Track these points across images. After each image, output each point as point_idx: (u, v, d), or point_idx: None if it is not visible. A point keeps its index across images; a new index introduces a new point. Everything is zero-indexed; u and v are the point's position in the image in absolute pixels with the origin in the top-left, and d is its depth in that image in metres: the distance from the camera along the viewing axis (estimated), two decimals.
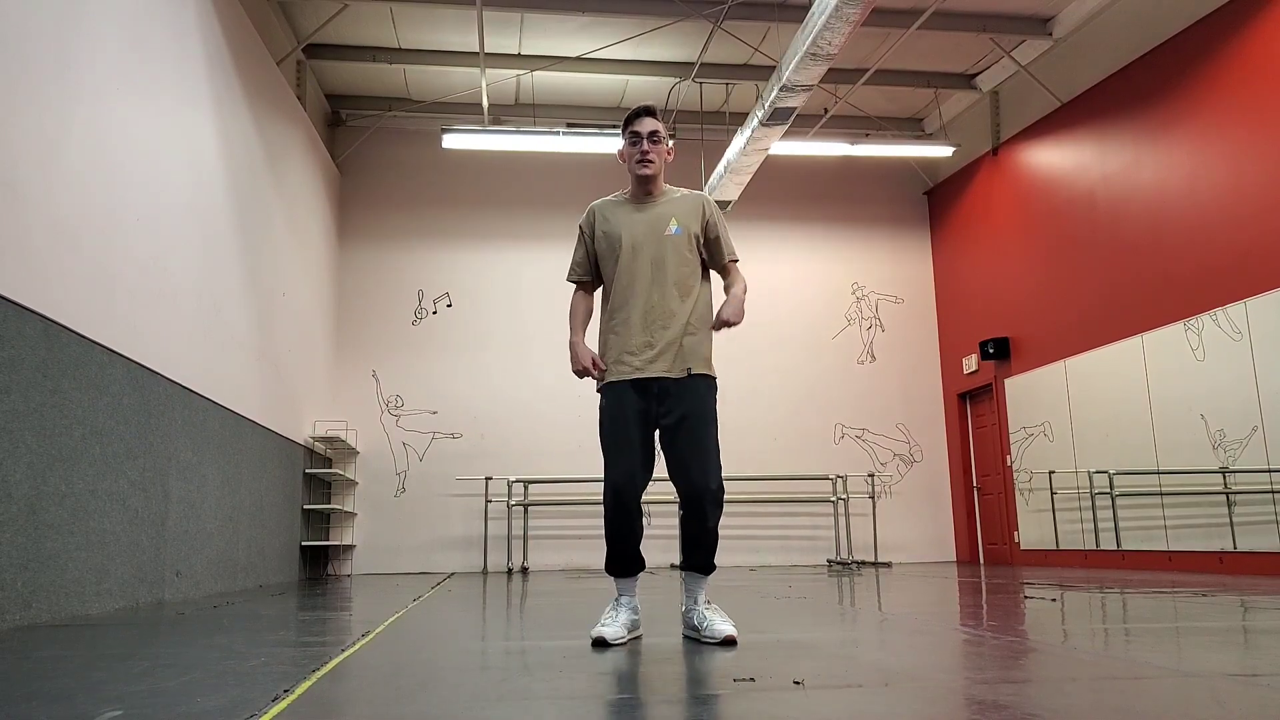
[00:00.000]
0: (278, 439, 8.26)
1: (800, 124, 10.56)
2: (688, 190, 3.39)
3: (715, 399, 3.23)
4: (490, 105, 10.58)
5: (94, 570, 4.72)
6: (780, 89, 8.00)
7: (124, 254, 5.11)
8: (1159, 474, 8.31)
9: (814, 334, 11.91)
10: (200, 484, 6.24)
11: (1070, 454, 9.55)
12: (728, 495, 3.20)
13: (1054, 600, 4.78)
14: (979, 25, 9.62)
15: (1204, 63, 7.97)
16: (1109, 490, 8.95)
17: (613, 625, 3.05)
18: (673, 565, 10.46)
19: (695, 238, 3.28)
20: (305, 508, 9.21)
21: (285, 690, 2.19)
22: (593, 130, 9.91)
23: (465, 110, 11.20)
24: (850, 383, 11.87)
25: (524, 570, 10.43)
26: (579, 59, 10.14)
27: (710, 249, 3.33)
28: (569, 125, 10.93)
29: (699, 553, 3.15)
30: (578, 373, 3.26)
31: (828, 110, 11.05)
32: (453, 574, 9.97)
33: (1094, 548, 9.15)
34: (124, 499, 5.06)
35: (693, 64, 10.21)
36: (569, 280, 3.43)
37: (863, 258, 12.20)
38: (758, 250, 11.65)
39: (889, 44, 9.70)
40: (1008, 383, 10.64)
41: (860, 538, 11.32)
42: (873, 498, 11.37)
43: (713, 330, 3.23)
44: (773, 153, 9.82)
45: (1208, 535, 7.78)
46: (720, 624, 3.01)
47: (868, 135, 11.64)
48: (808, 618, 3.94)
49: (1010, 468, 10.61)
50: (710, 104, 11.32)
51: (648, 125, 3.27)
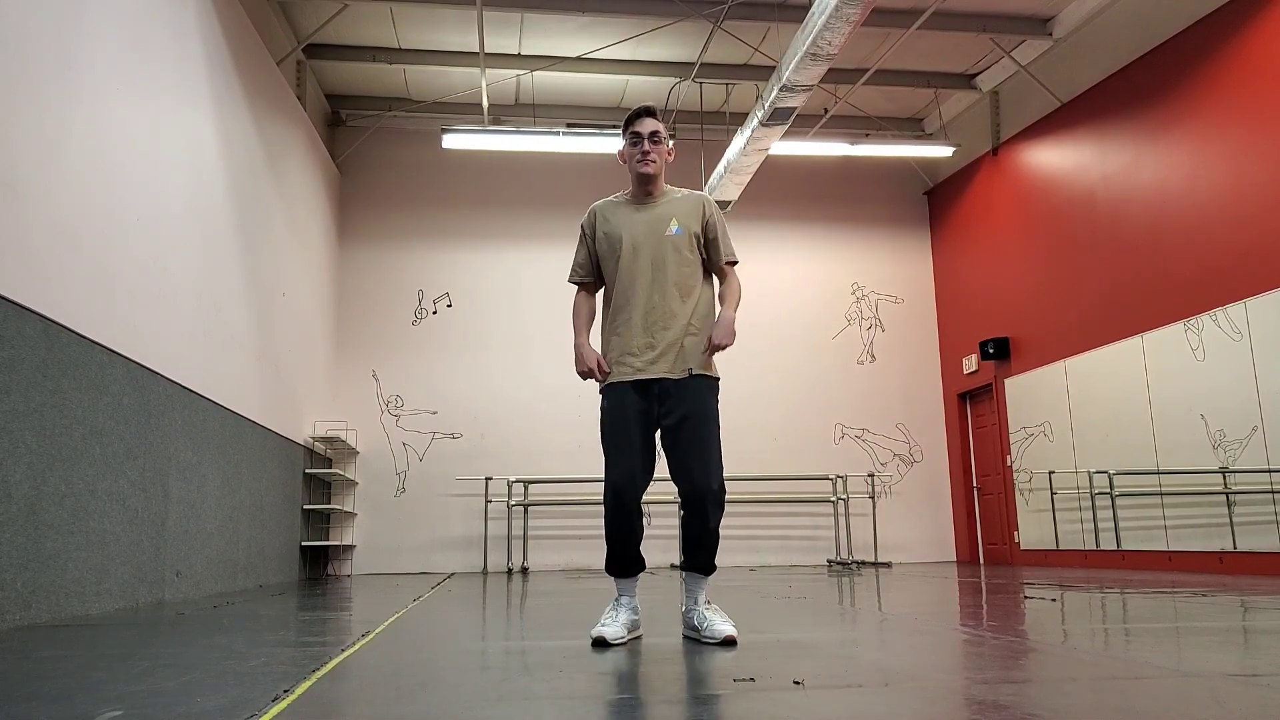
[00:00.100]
0: (278, 439, 8.26)
1: (800, 124, 10.56)
2: (688, 190, 3.39)
3: (717, 399, 3.22)
4: (490, 105, 10.59)
5: (94, 570, 4.72)
6: (780, 89, 8.00)
7: (124, 254, 5.11)
8: (1159, 474, 8.31)
9: (814, 334, 11.91)
10: (200, 484, 6.24)
11: (1070, 454, 9.55)
12: (728, 495, 3.20)
13: (1054, 600, 4.78)
14: (979, 25, 9.62)
15: (1204, 63, 7.97)
16: (1109, 490, 8.95)
17: (613, 625, 3.06)
18: (673, 565, 10.46)
19: (696, 237, 3.27)
20: (305, 508, 9.21)
21: (285, 690, 2.19)
22: (593, 130, 9.90)
23: (465, 110, 11.20)
24: (850, 383, 11.87)
25: (524, 570, 10.43)
26: (579, 59, 10.14)
27: (708, 249, 3.32)
28: (569, 125, 10.92)
29: (700, 553, 3.15)
30: (582, 374, 3.24)
31: (828, 110, 11.05)
32: (453, 574, 9.97)
33: (1094, 548, 9.15)
34: (124, 499, 5.06)
35: (693, 64, 10.21)
36: (571, 281, 3.42)
37: (863, 258, 12.20)
38: (758, 250, 11.66)
39: (889, 44, 9.70)
40: (1008, 383, 10.64)
41: (860, 538, 11.32)
42: (873, 498, 11.37)
43: (704, 355, 3.20)
44: (773, 153, 9.82)
45: (1208, 535, 7.78)
46: (720, 624, 3.01)
47: (868, 135, 11.64)
48: (808, 618, 3.94)
49: (1010, 468, 10.61)
50: (710, 104, 11.32)
51: (648, 125, 3.26)
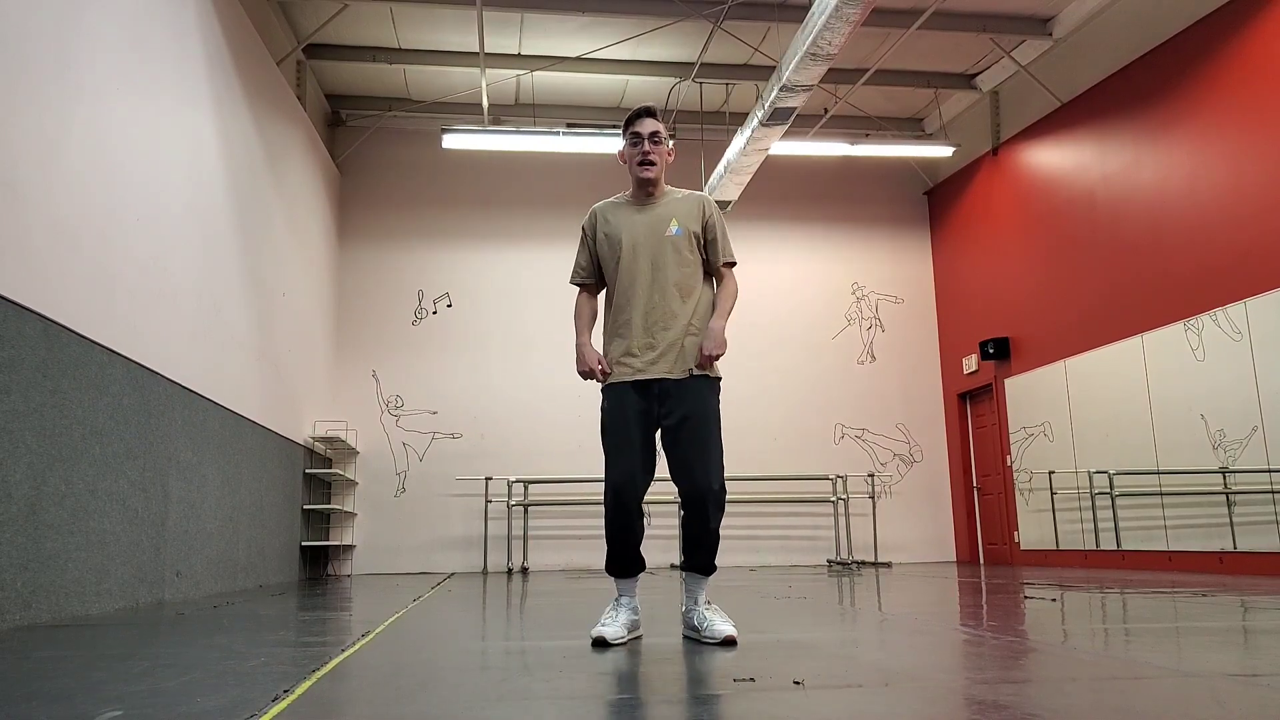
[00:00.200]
0: (278, 439, 8.26)
1: (800, 124, 10.56)
2: (688, 191, 3.38)
3: (718, 399, 3.22)
4: (490, 105, 10.58)
5: (94, 570, 4.72)
6: (780, 89, 8.00)
7: (124, 254, 5.11)
8: (1159, 474, 8.31)
9: (814, 334, 11.91)
10: (200, 484, 6.24)
11: (1070, 454, 9.54)
12: (728, 496, 3.20)
13: (1054, 600, 4.78)
14: (979, 25, 9.62)
15: (1204, 63, 7.97)
16: (1109, 490, 8.95)
17: (613, 625, 3.05)
18: (673, 565, 10.46)
19: (695, 237, 3.27)
20: (305, 508, 9.21)
21: (285, 690, 2.19)
22: (593, 130, 9.90)
23: (465, 110, 11.20)
24: (850, 383, 11.87)
25: (524, 570, 10.43)
26: (579, 59, 10.14)
27: (707, 250, 3.32)
28: (569, 125, 10.92)
29: (700, 553, 3.15)
30: (583, 374, 3.24)
31: (828, 110, 11.05)
32: (453, 574, 9.97)
33: (1094, 548, 9.15)
34: (124, 499, 5.06)
35: (693, 64, 10.21)
36: (572, 283, 3.42)
37: (863, 258, 12.20)
38: (758, 250, 11.66)
39: (889, 44, 9.70)
40: (1008, 383, 10.64)
41: (860, 538, 11.32)
42: (873, 498, 11.37)
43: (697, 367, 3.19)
44: (773, 153, 9.81)
45: (1208, 535, 7.78)
46: (720, 624, 3.01)
47: (868, 135, 11.64)
48: (808, 618, 3.94)
49: (1010, 468, 10.61)
50: (710, 104, 11.32)
51: (648, 126, 3.26)
